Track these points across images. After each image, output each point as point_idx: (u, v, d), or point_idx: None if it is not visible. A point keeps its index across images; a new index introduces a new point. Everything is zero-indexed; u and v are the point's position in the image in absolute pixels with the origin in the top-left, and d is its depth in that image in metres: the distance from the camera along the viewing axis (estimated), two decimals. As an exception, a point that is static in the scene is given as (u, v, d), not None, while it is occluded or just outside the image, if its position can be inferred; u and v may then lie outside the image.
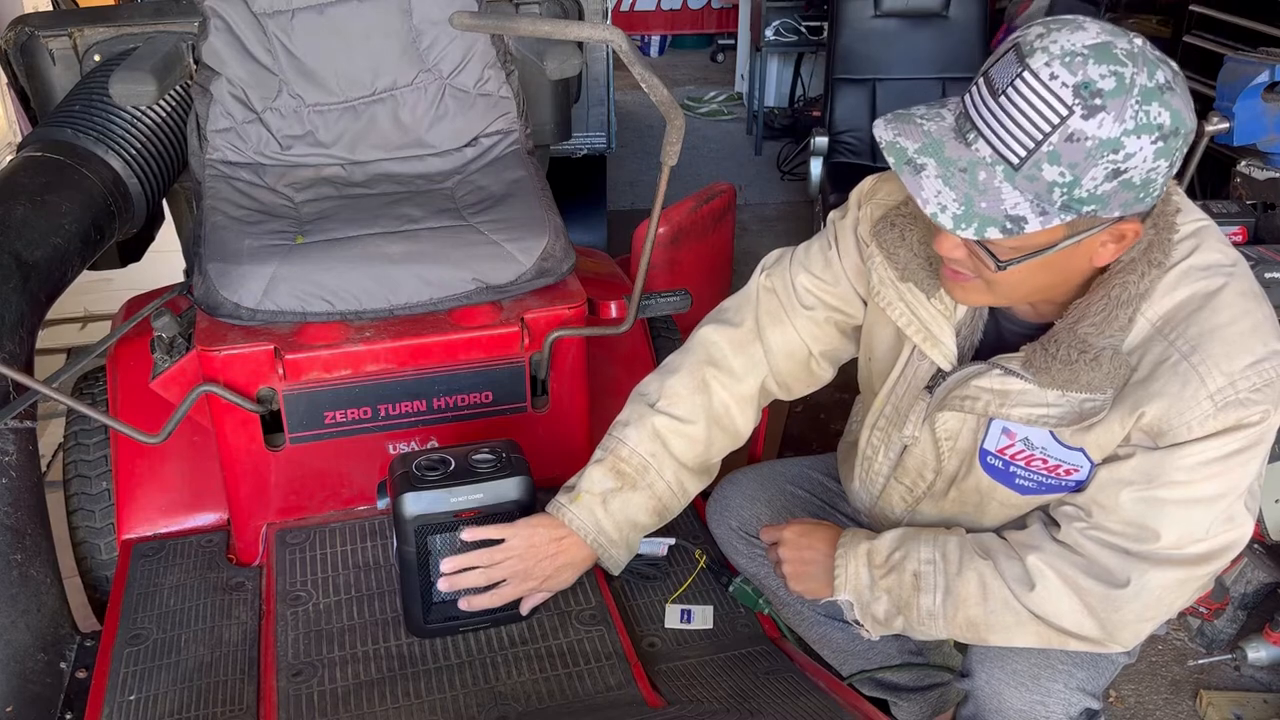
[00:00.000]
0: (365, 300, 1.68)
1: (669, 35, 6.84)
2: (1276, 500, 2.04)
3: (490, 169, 1.93)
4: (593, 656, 1.46)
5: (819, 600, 1.47)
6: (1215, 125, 2.20)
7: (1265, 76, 2.35)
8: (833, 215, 1.44)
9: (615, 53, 1.98)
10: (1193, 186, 2.71)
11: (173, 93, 2.05)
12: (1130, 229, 1.08)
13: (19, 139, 2.42)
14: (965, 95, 1.07)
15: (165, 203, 2.27)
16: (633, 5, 6.53)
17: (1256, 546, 2.10)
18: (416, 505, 1.40)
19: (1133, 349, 1.16)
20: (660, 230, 2.15)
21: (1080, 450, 1.22)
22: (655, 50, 6.87)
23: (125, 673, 1.47)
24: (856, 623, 1.37)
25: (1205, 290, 1.14)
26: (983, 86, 1.04)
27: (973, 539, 1.31)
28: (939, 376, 1.32)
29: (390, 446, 1.73)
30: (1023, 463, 1.28)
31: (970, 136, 1.05)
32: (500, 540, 1.42)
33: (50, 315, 1.68)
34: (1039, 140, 1.00)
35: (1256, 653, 2.03)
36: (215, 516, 1.81)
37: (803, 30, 4.92)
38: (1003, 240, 1.06)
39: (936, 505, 1.41)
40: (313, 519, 1.75)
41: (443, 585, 1.42)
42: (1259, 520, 2.03)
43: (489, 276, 1.72)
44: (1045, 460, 1.26)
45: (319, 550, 1.67)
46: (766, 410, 1.59)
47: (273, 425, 1.68)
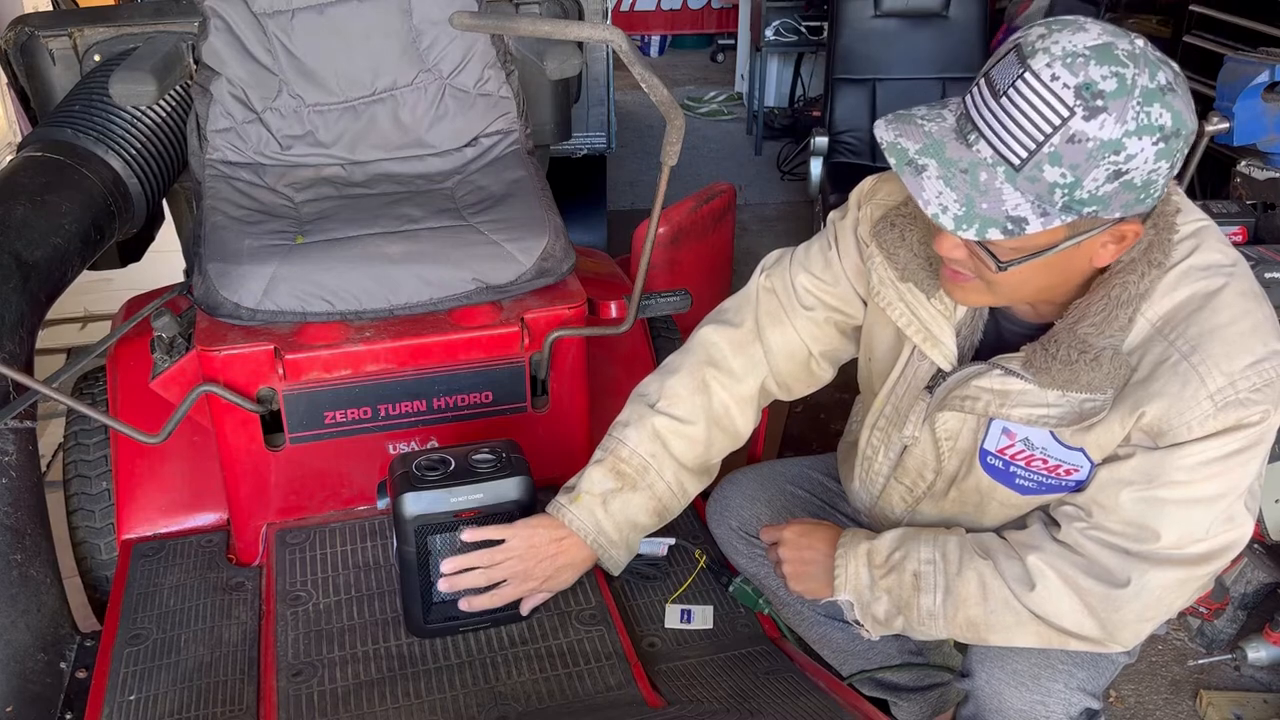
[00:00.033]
0: (365, 300, 1.68)
1: (669, 35, 6.84)
2: (1276, 500, 2.04)
3: (490, 169, 1.93)
4: (593, 656, 1.46)
5: (819, 600, 1.47)
6: (1215, 125, 2.20)
7: (1265, 76, 2.35)
8: (832, 215, 1.44)
9: (615, 53, 1.98)
10: (1193, 186, 2.70)
11: (173, 93, 2.05)
12: (1131, 230, 1.08)
13: (19, 139, 2.42)
14: (966, 96, 1.07)
15: (165, 203, 2.27)
16: (633, 5, 6.53)
17: (1256, 546, 2.10)
18: (416, 505, 1.40)
19: (1133, 349, 1.16)
20: (660, 230, 2.15)
21: (1080, 450, 1.22)
22: (655, 50, 6.87)
23: (125, 673, 1.47)
24: (856, 623, 1.37)
25: (1205, 290, 1.14)
26: (984, 87, 1.04)
27: (973, 539, 1.31)
28: (939, 377, 1.32)
29: (390, 446, 1.73)
30: (1023, 463, 1.28)
31: (971, 137, 1.05)
32: (500, 541, 1.42)
33: (50, 315, 1.68)
34: (1040, 141, 1.00)
35: (1256, 653, 2.03)
36: (215, 516, 1.81)
37: (803, 30, 4.92)
38: (1004, 241, 1.06)
39: (936, 505, 1.41)
40: (313, 519, 1.75)
41: (443, 586, 1.42)
42: (1259, 520, 2.03)
43: (489, 276, 1.72)
44: (1045, 460, 1.26)
45: (319, 550, 1.67)
46: (766, 410, 1.59)
47: (273, 425, 1.68)
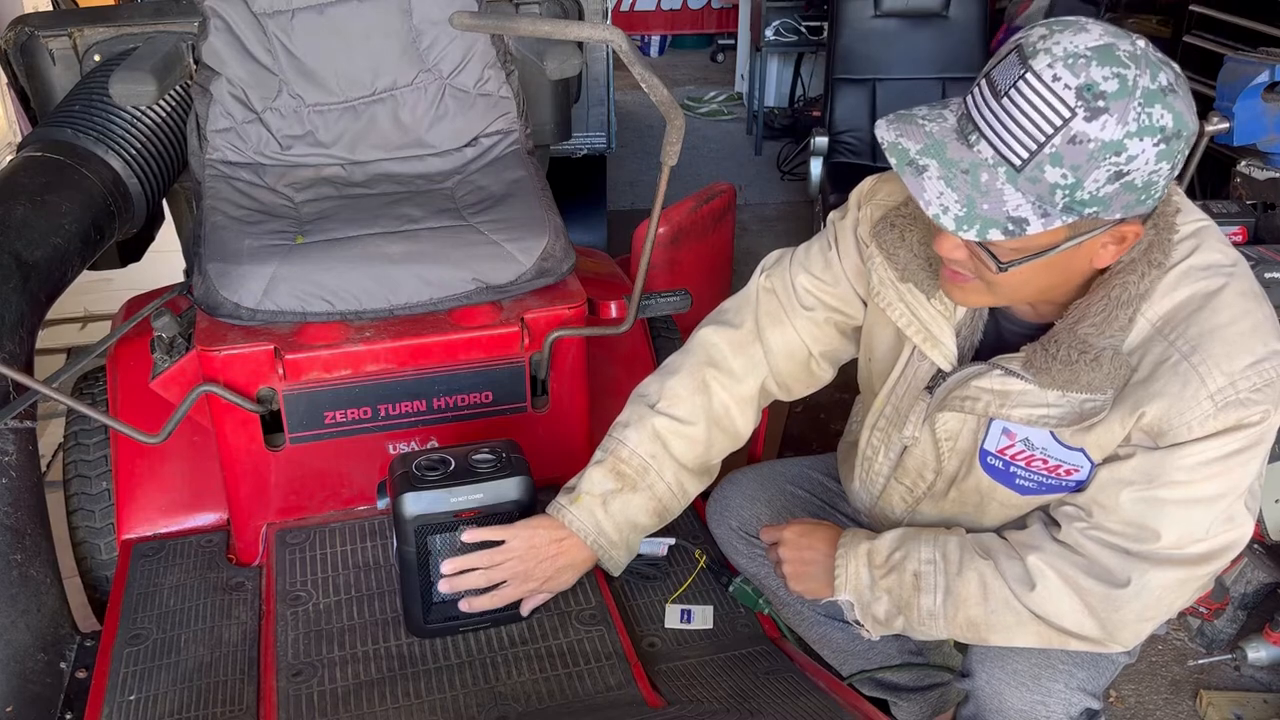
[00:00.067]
0: (365, 300, 1.68)
1: (669, 35, 6.84)
2: (1276, 500, 2.04)
3: (490, 169, 1.92)
4: (593, 656, 1.45)
5: (819, 600, 1.47)
6: (1215, 125, 2.20)
7: (1265, 76, 2.35)
8: (832, 216, 1.44)
9: (615, 53, 1.98)
10: (1193, 186, 2.71)
11: (173, 93, 2.05)
12: (1131, 230, 1.08)
13: (19, 139, 2.42)
14: (967, 96, 1.07)
15: (165, 203, 2.27)
16: (633, 5, 6.53)
17: (1256, 546, 2.10)
18: (416, 505, 1.40)
19: (1133, 349, 1.16)
20: (660, 230, 2.15)
21: (1080, 450, 1.22)
22: (655, 50, 6.87)
23: (125, 673, 1.47)
24: (857, 623, 1.37)
25: (1205, 290, 1.14)
26: (985, 88, 1.04)
27: (973, 539, 1.31)
28: (939, 377, 1.32)
29: (390, 446, 1.73)
30: (1023, 463, 1.28)
31: (972, 138, 1.05)
32: (500, 542, 1.42)
33: (50, 315, 1.68)
34: (1041, 142, 1.00)
35: (1256, 653, 2.03)
36: (215, 516, 1.81)
37: (803, 30, 4.92)
38: (1004, 242, 1.06)
39: (937, 505, 1.41)
40: (313, 519, 1.75)
41: (443, 586, 1.42)
42: (1259, 520, 2.03)
43: (489, 276, 1.72)
44: (1045, 460, 1.26)
45: (319, 550, 1.67)
46: (766, 411, 1.59)
47: (273, 425, 1.68)
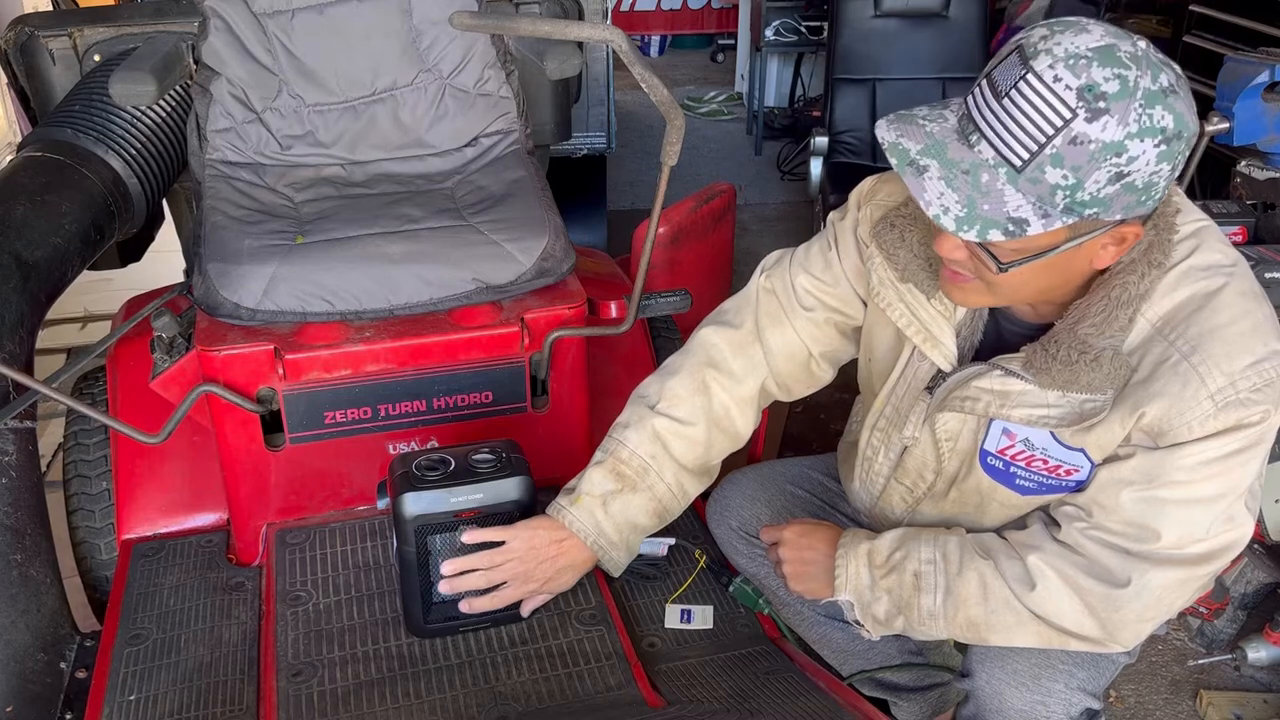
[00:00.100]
0: (365, 300, 1.68)
1: (669, 35, 6.84)
2: (1276, 500, 2.04)
3: (490, 169, 1.92)
4: (593, 656, 1.45)
5: (819, 600, 1.47)
6: (1215, 125, 2.20)
7: (1265, 76, 2.35)
8: (832, 216, 1.44)
9: (615, 53, 1.98)
10: (1193, 186, 2.71)
11: (173, 93, 2.05)
12: (1131, 231, 1.08)
13: (19, 139, 2.42)
14: (968, 96, 1.07)
15: (165, 203, 2.27)
16: (633, 5, 6.53)
17: (1256, 546, 2.10)
18: (416, 505, 1.40)
19: (1133, 349, 1.16)
20: (660, 230, 2.15)
21: (1081, 451, 1.22)
22: (655, 50, 6.87)
23: (125, 673, 1.47)
24: (857, 623, 1.37)
25: (1205, 290, 1.14)
26: (986, 88, 1.04)
27: (973, 539, 1.31)
28: (939, 377, 1.32)
29: (390, 446, 1.73)
30: (1023, 463, 1.28)
31: (973, 138, 1.05)
32: (500, 542, 1.42)
33: (50, 315, 1.68)
34: (1042, 143, 1.00)
35: (1256, 653, 2.03)
36: (215, 516, 1.81)
37: (803, 30, 4.92)
38: (1005, 242, 1.06)
39: (937, 506, 1.41)
40: (313, 519, 1.75)
41: (443, 587, 1.42)
42: (1259, 520, 2.03)
43: (489, 276, 1.72)
44: (1046, 461, 1.26)
45: (319, 550, 1.67)
46: (766, 411, 1.59)
47: (273, 425, 1.68)
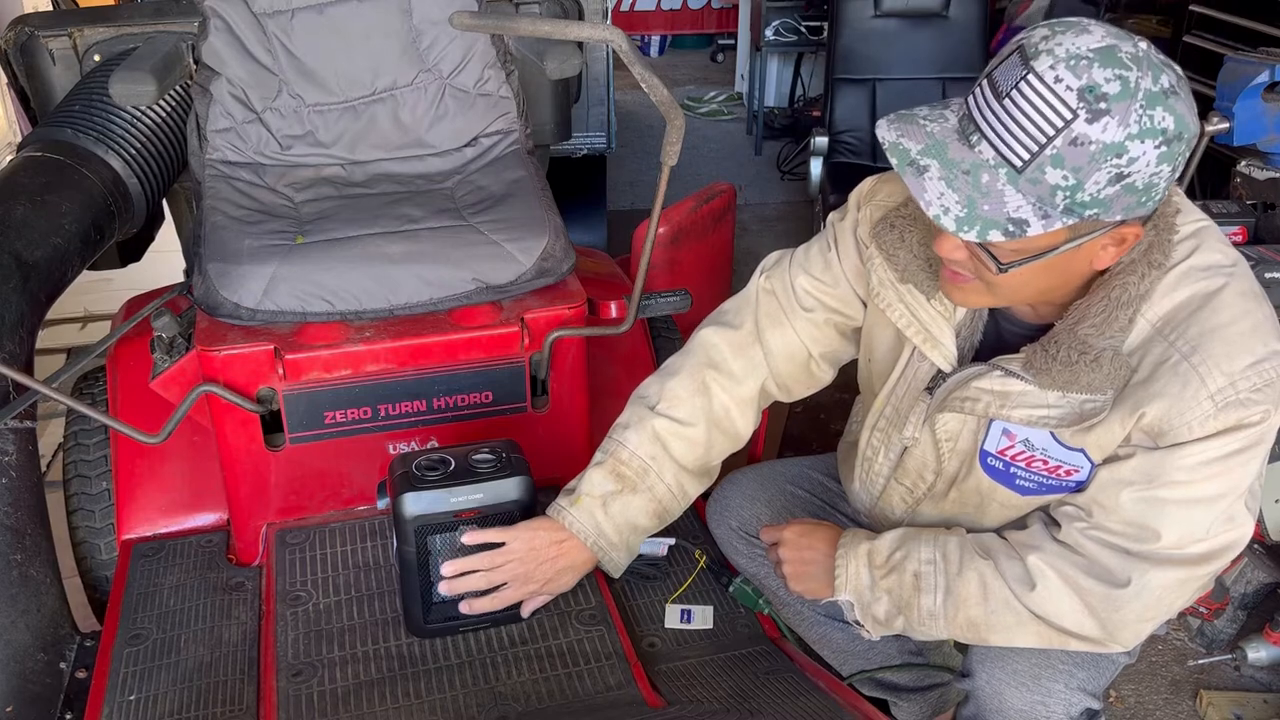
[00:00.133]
0: (365, 300, 1.68)
1: (669, 35, 6.84)
2: (1276, 500, 2.04)
3: (490, 169, 1.92)
4: (593, 656, 1.45)
5: (819, 600, 1.47)
6: (1215, 125, 2.20)
7: (1265, 76, 2.35)
8: (832, 217, 1.44)
9: (615, 53, 1.98)
10: (1193, 186, 2.71)
11: (173, 93, 2.05)
12: (1131, 232, 1.08)
13: (19, 139, 2.42)
14: (969, 96, 1.07)
15: (165, 203, 2.27)
16: (633, 5, 6.53)
17: (1256, 546, 2.10)
18: (416, 505, 1.40)
19: (1133, 350, 1.16)
20: (660, 230, 2.15)
21: (1081, 451, 1.22)
22: (655, 50, 6.87)
23: (125, 673, 1.47)
24: (857, 623, 1.37)
25: (1205, 291, 1.14)
26: (986, 88, 1.04)
27: (973, 539, 1.31)
28: (939, 378, 1.32)
29: (390, 446, 1.73)
30: (1023, 464, 1.28)
31: (974, 138, 1.05)
32: (500, 544, 1.42)
33: (50, 315, 1.68)
34: (1043, 144, 1.00)
35: (1256, 653, 2.03)
36: (215, 516, 1.81)
37: (803, 30, 4.92)
38: (1005, 243, 1.06)
39: (937, 506, 1.41)
40: (313, 519, 1.75)
41: (443, 589, 1.42)
42: (1259, 520, 2.03)
43: (489, 276, 1.72)
44: (1046, 461, 1.26)
45: (319, 550, 1.67)
46: (766, 411, 1.59)
47: (273, 425, 1.68)
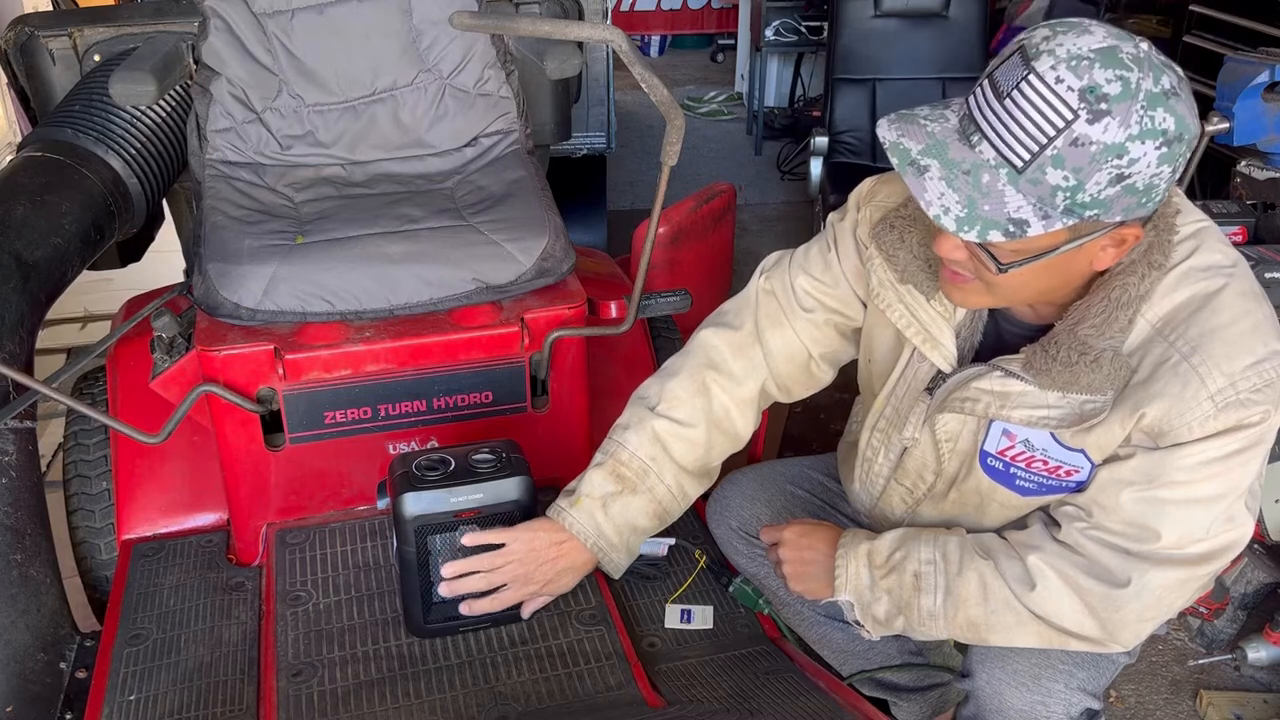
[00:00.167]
0: (365, 300, 1.68)
1: (669, 35, 6.84)
2: (1276, 500, 2.04)
3: (490, 169, 1.92)
4: (593, 656, 1.45)
5: (819, 600, 1.47)
6: (1215, 125, 2.20)
7: (1265, 76, 2.35)
8: (832, 217, 1.44)
9: (615, 53, 1.98)
10: (1193, 187, 2.71)
11: (173, 93, 2.05)
12: (1131, 233, 1.08)
13: (19, 139, 2.42)
14: (969, 96, 1.07)
15: (165, 203, 2.27)
16: (633, 5, 6.53)
17: (1256, 546, 2.10)
18: (416, 505, 1.40)
19: (1133, 350, 1.16)
20: (660, 230, 2.15)
21: (1081, 451, 1.22)
22: (655, 50, 6.87)
23: (125, 673, 1.47)
24: (857, 623, 1.37)
25: (1205, 291, 1.14)
26: (987, 88, 1.04)
27: (973, 539, 1.31)
28: (939, 378, 1.32)
29: (390, 446, 1.73)
30: (1023, 464, 1.28)
31: (974, 139, 1.05)
32: (500, 545, 1.42)
33: (50, 315, 1.68)
34: (1043, 144, 1.00)
35: (1256, 653, 2.03)
36: (215, 516, 1.81)
37: (803, 30, 4.92)
38: (1005, 243, 1.06)
39: (937, 506, 1.41)
40: (313, 519, 1.75)
41: (443, 590, 1.42)
42: (1259, 520, 2.03)
43: (489, 276, 1.72)
44: (1046, 461, 1.26)
45: (319, 550, 1.67)
46: (766, 412, 1.59)
47: (273, 425, 1.68)
